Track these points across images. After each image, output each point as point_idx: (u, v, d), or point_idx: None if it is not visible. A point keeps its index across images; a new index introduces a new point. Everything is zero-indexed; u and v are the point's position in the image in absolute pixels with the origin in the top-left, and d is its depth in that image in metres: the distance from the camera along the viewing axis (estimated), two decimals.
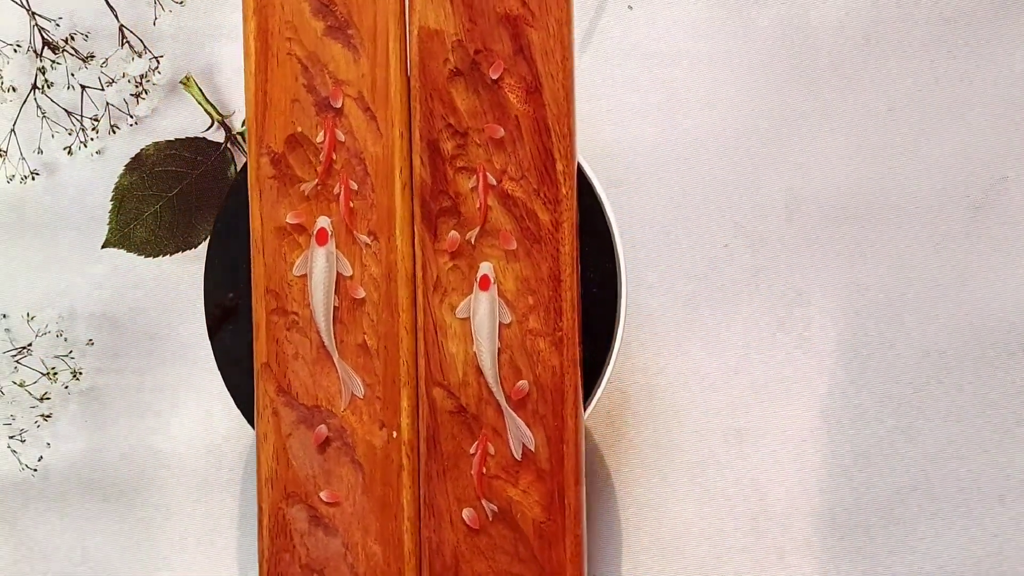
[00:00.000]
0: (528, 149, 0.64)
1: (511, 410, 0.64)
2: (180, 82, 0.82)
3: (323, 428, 0.65)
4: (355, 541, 0.65)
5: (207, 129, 0.82)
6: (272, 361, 0.66)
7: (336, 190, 0.65)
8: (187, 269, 0.81)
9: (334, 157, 0.66)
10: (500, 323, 0.64)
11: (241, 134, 0.81)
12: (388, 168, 0.65)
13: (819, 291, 0.78)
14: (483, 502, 0.64)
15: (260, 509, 0.65)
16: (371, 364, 0.65)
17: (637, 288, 0.79)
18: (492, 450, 0.64)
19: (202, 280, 0.72)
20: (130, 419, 0.80)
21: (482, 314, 0.64)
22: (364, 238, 0.65)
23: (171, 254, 0.81)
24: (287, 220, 0.65)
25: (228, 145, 0.81)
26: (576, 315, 0.64)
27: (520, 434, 0.64)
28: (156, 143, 0.81)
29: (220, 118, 0.81)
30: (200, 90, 0.82)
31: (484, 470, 0.64)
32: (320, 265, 0.65)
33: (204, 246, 0.80)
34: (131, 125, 0.83)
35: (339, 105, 0.65)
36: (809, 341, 0.78)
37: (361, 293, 0.65)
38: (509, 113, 0.64)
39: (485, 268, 0.64)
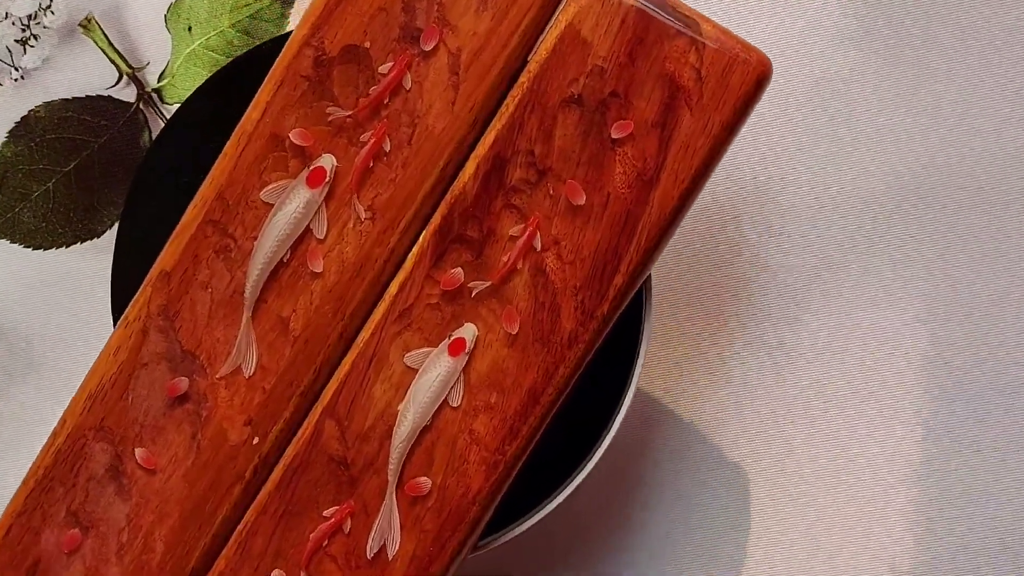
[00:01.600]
0: (598, 238, 0.53)
1: (395, 500, 0.54)
2: (79, 25, 0.70)
3: (184, 382, 0.55)
4: (142, 523, 0.55)
5: (114, 85, 0.70)
6: (176, 274, 0.55)
7: (365, 137, 0.55)
8: (89, 264, 0.70)
9: (386, 100, 0.54)
10: (446, 401, 0.54)
11: (157, 91, 0.70)
12: (436, 152, 0.54)
13: (899, 290, 0.70)
14: (301, 574, 0.54)
15: (62, 422, 0.56)
16: (280, 348, 0.55)
17: (676, 294, 0.70)
18: (348, 528, 0.54)
19: (108, 278, 0.62)
20: (19, 453, 0.69)
21: (432, 377, 0.54)
22: (361, 209, 0.54)
23: (68, 245, 0.69)
24: (291, 134, 0.55)
25: (140, 105, 0.70)
26: (529, 449, 0.54)
27: (389, 531, 0.54)
28: (48, 103, 0.69)
29: (130, 71, 0.70)
30: (104, 35, 0.70)
31: (325, 543, 0.54)
32: (294, 206, 0.55)
33: (111, 235, 0.69)
34: (16, 80, 0.70)
35: (429, 48, 0.54)
36: (891, 354, 0.70)
37: (319, 267, 0.55)
38: (604, 185, 0.53)
39: (468, 331, 0.54)
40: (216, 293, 0.56)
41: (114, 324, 0.58)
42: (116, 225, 0.65)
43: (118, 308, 0.59)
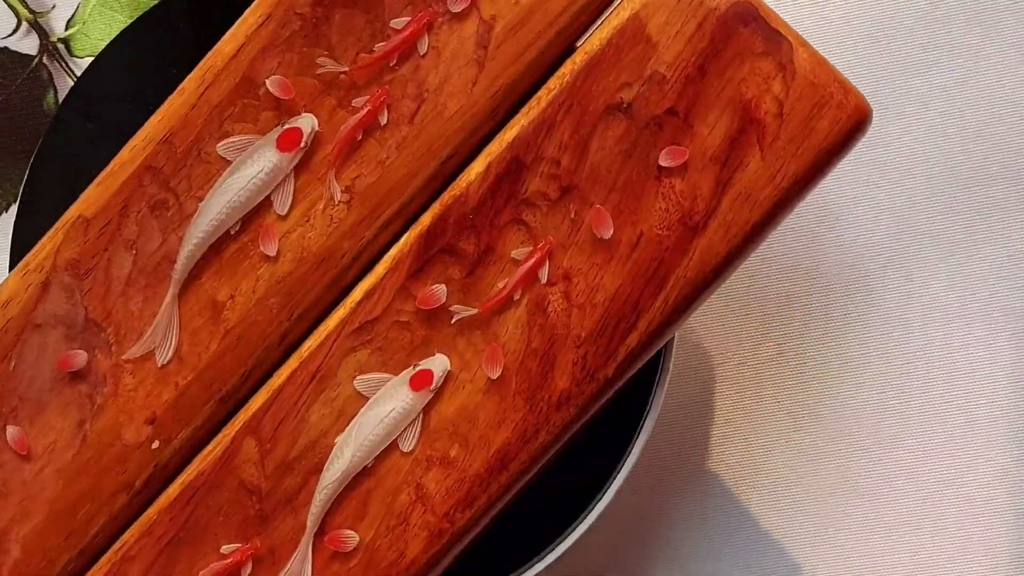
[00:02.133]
0: (619, 284, 0.44)
1: (311, 550, 0.45)
2: None
3: (82, 356, 0.46)
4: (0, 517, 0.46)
5: (11, 34, 0.62)
6: (97, 224, 0.46)
7: (359, 102, 0.45)
8: None
9: (393, 63, 0.45)
10: (396, 443, 0.45)
11: (65, 41, 0.61)
12: (441, 138, 0.45)
13: (981, 292, 0.60)
14: None
15: None
16: (206, 338, 0.46)
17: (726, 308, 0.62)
18: (247, 573, 0.46)
19: (4, 275, 0.53)
20: None
21: (384, 411, 0.45)
22: (337, 189, 0.45)
23: None
24: (268, 81, 0.45)
25: (44, 59, 0.61)
26: (482, 523, 0.45)
27: None
28: None
29: (31, 16, 0.61)
30: None
31: None
32: (257, 169, 0.46)
33: (8, 217, 0.61)
34: None
35: (458, 9, 0.45)
36: (983, 377, 0.61)
37: (273, 249, 0.46)
38: (638, 220, 0.44)
39: (438, 364, 0.45)
40: (142, 257, 0.46)
41: None
42: (14, 207, 0.58)
43: None
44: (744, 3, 0.44)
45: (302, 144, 0.46)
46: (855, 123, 0.44)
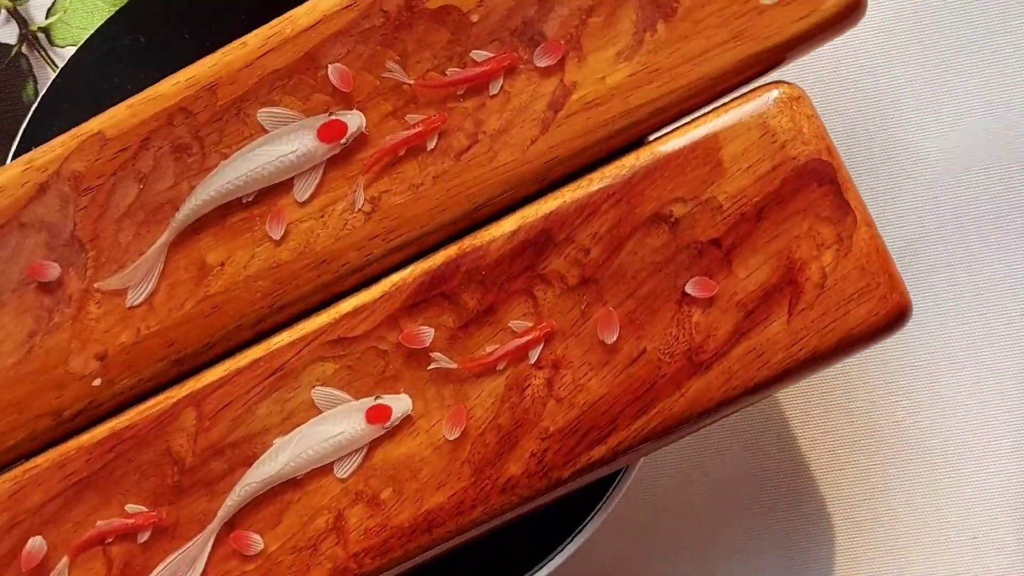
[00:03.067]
0: (604, 392, 0.44)
1: (213, 541, 0.45)
2: None
3: (55, 270, 0.46)
4: None
5: None
6: (114, 146, 0.46)
7: (412, 118, 0.44)
8: None
9: (460, 93, 0.44)
10: (332, 466, 0.44)
11: (45, 30, 0.58)
12: (481, 184, 0.45)
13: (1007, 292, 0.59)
14: (64, 558, 0.45)
15: None
16: (183, 296, 0.46)
17: None
18: (144, 538, 0.46)
19: None
20: None
21: (332, 431, 0.45)
22: (362, 197, 0.45)
23: None
24: (330, 67, 0.44)
25: (23, 49, 0.58)
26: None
27: (187, 571, 0.45)
28: None
29: (10, 5, 0.59)
30: None
31: (110, 540, 0.45)
32: (290, 148, 0.45)
33: None
34: None
35: (542, 64, 0.44)
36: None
37: (279, 232, 0.45)
38: (645, 336, 0.43)
39: (401, 404, 0.45)
40: (148, 193, 0.46)
41: None
42: None
43: None
44: (825, 163, 0.43)
45: (343, 140, 0.45)
46: (891, 320, 0.43)
